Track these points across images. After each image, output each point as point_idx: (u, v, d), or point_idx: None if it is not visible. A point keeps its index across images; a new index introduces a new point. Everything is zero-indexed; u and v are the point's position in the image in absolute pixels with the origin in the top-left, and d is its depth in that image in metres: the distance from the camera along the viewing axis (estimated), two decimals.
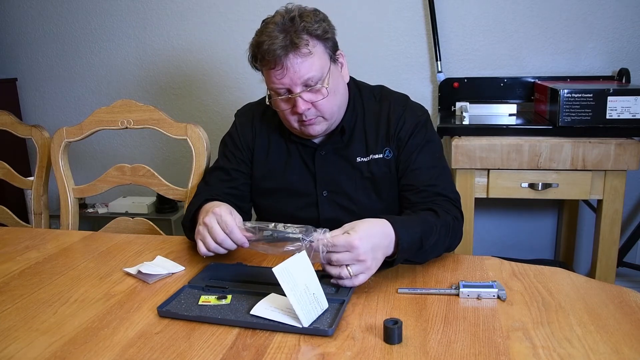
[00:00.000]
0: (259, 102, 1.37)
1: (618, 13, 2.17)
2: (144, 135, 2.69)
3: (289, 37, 1.10)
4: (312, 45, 1.12)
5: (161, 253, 1.19)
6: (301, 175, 1.29)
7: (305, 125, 1.20)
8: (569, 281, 1.00)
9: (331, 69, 1.17)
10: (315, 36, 1.13)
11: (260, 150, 1.32)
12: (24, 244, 1.30)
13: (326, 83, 1.15)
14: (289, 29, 1.11)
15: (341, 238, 0.92)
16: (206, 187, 1.32)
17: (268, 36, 1.11)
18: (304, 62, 1.12)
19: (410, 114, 1.26)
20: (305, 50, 1.11)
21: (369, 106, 1.29)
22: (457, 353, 0.78)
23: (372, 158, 1.26)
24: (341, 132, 1.26)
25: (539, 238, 2.46)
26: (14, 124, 1.73)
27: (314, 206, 1.29)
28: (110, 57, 2.66)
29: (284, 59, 1.11)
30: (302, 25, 1.12)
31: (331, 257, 0.93)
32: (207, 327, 0.87)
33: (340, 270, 0.93)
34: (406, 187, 1.24)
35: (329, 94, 1.17)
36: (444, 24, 2.28)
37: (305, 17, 1.13)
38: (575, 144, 1.77)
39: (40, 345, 0.84)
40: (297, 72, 1.12)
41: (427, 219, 1.07)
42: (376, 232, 0.96)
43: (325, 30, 1.15)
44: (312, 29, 1.12)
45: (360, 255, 0.92)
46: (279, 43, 1.10)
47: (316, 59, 1.13)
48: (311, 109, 1.17)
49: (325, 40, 1.16)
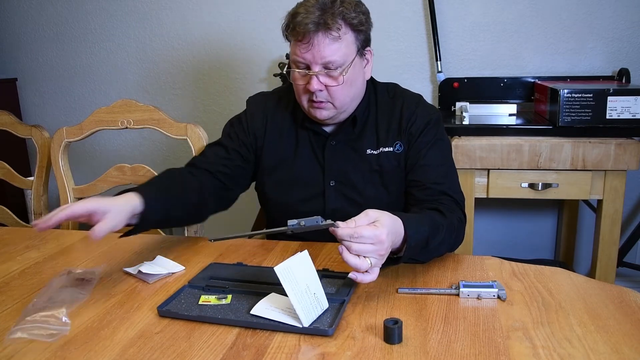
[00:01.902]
0: (273, 91, 1.38)
1: (618, 13, 2.17)
2: (144, 135, 2.69)
3: (324, 16, 1.12)
4: (343, 31, 1.14)
5: (161, 253, 1.19)
6: (310, 164, 1.29)
7: (314, 107, 1.21)
8: (569, 281, 1.00)
9: (355, 60, 1.18)
10: (349, 24, 1.15)
11: (271, 139, 1.32)
12: (24, 244, 1.29)
13: (345, 72, 1.16)
14: (327, 9, 1.13)
15: (369, 230, 0.88)
16: (201, 158, 1.32)
17: (305, 9, 1.13)
18: (330, 44, 1.13)
19: (422, 111, 1.27)
20: (335, 34, 1.13)
21: (383, 101, 1.30)
22: (457, 353, 0.78)
23: (382, 151, 1.26)
24: (352, 123, 1.27)
25: (539, 238, 2.46)
26: (14, 124, 1.73)
27: (320, 196, 1.29)
28: (110, 57, 2.66)
29: (313, 35, 1.13)
30: (340, 9, 1.13)
31: (352, 246, 0.88)
32: (207, 327, 0.87)
33: (360, 262, 0.88)
34: (413, 182, 1.24)
35: (344, 83, 1.18)
36: (444, 24, 2.28)
37: (347, 3, 1.15)
38: (575, 144, 1.77)
39: (40, 345, 0.84)
40: (321, 51, 1.14)
41: (434, 219, 1.07)
42: (396, 230, 0.94)
43: (361, 22, 1.17)
44: (349, 16, 1.14)
45: (383, 250, 0.89)
46: (313, 18, 1.12)
47: (343, 45, 1.15)
48: (323, 91, 1.18)
49: (358, 31, 1.17)
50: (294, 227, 0.90)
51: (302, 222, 0.89)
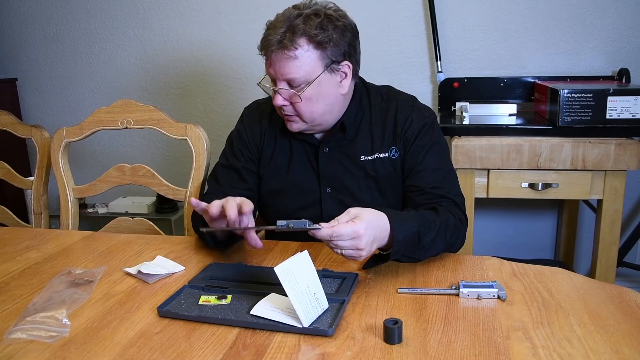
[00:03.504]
0: (267, 99, 1.38)
1: (618, 13, 2.17)
2: (144, 135, 2.69)
3: (286, 35, 1.12)
4: (305, 49, 1.13)
5: (161, 253, 1.19)
6: (305, 172, 1.29)
7: (287, 120, 1.23)
8: (569, 281, 1.00)
9: (321, 77, 1.16)
10: (313, 42, 1.13)
11: (267, 149, 1.32)
12: (24, 244, 1.29)
13: (303, 90, 1.16)
14: (291, 27, 1.13)
15: (347, 227, 0.93)
16: (218, 187, 1.32)
17: (273, 26, 1.15)
18: (287, 62, 1.14)
19: (417, 115, 1.26)
20: (291, 53, 1.13)
21: (376, 105, 1.29)
22: (457, 353, 0.78)
23: (378, 157, 1.26)
24: (341, 128, 1.26)
25: (539, 238, 2.46)
26: (14, 124, 1.73)
27: (317, 204, 1.29)
28: (110, 57, 2.66)
29: (272, 53, 1.15)
30: (302, 27, 1.12)
31: (332, 245, 0.95)
32: (207, 327, 0.87)
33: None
34: (411, 188, 1.24)
35: (306, 100, 1.17)
36: (444, 24, 2.28)
37: (311, 20, 1.13)
38: (575, 144, 1.77)
39: (40, 345, 0.84)
40: (281, 68, 1.15)
41: (424, 216, 1.07)
42: (378, 225, 0.97)
43: (328, 39, 1.14)
44: (312, 33, 1.12)
45: (361, 244, 0.93)
46: (276, 37, 1.13)
47: (303, 63, 1.14)
48: (289, 106, 1.19)
49: (323, 48, 1.14)
50: (282, 227, 0.95)
51: (290, 225, 0.94)
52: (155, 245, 1.25)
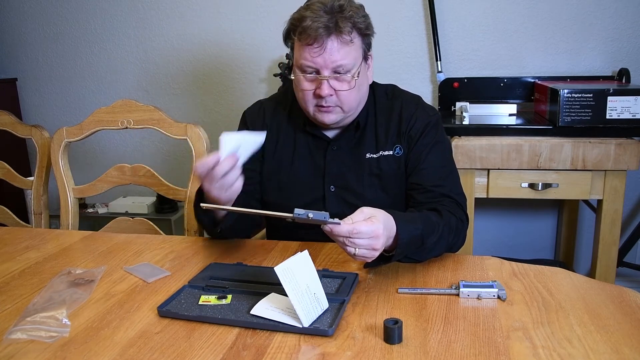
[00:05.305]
0: (269, 98, 1.38)
1: (618, 13, 2.17)
2: (144, 135, 2.69)
3: (334, 20, 1.12)
4: (354, 35, 1.15)
5: (161, 253, 1.19)
6: (309, 169, 1.29)
7: (321, 112, 1.21)
8: (569, 281, 1.00)
9: (362, 64, 1.19)
10: (357, 28, 1.15)
11: (270, 146, 1.32)
12: (24, 244, 1.29)
13: (356, 75, 1.17)
14: (336, 13, 1.13)
15: (367, 226, 0.90)
16: None
17: (313, 12, 1.13)
18: (342, 47, 1.13)
19: (422, 114, 1.27)
20: (347, 37, 1.13)
21: (381, 103, 1.30)
22: (457, 353, 0.78)
23: (382, 155, 1.26)
24: (355, 128, 1.27)
25: (539, 238, 2.46)
26: (14, 124, 1.73)
27: (320, 201, 1.29)
28: (110, 57, 2.66)
29: (325, 39, 1.12)
30: (349, 13, 1.13)
31: (351, 242, 0.90)
32: (207, 327, 0.87)
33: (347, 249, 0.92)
34: (413, 185, 1.24)
35: (355, 87, 1.18)
36: (444, 24, 2.28)
37: (353, 8, 1.15)
38: (575, 144, 1.77)
39: (40, 345, 0.84)
40: (333, 55, 1.13)
41: (429, 217, 1.07)
42: (389, 226, 0.96)
43: (367, 27, 1.18)
44: (357, 21, 1.14)
45: (378, 245, 0.91)
46: (323, 22, 1.11)
47: (353, 50, 1.15)
48: (333, 95, 1.18)
49: (365, 35, 1.18)
50: (300, 216, 0.89)
51: (310, 215, 0.89)
52: (155, 245, 1.25)
